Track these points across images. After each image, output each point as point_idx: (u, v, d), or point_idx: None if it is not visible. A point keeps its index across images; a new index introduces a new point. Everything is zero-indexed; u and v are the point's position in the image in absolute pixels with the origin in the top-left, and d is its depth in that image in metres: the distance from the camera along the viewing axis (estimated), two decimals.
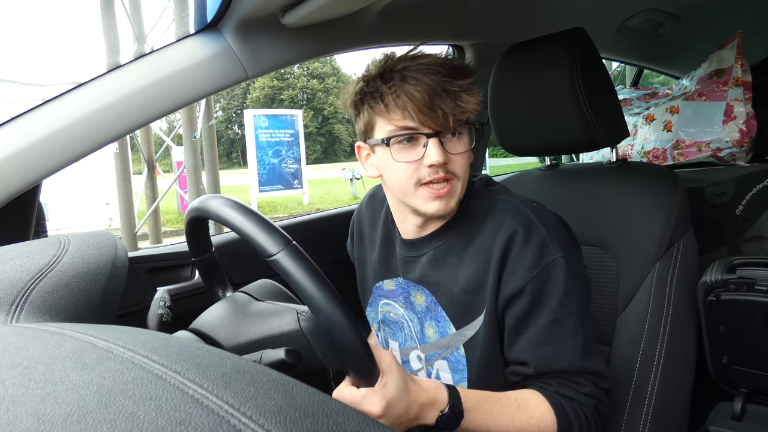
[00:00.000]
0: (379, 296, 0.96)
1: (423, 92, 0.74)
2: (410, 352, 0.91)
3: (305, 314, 0.62)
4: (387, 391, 0.62)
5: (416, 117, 0.75)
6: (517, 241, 0.78)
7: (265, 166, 9.15)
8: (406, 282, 0.90)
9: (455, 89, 0.75)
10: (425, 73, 0.75)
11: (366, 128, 0.82)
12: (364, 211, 1.02)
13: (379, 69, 0.79)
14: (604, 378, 0.79)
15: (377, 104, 0.78)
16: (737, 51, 1.53)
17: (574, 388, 0.77)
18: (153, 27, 5.62)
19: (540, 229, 0.79)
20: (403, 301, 0.92)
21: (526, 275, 0.77)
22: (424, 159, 0.77)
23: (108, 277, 0.55)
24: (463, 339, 0.83)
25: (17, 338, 0.36)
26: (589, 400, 0.77)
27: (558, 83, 1.01)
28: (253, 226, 0.56)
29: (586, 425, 0.76)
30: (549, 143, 1.10)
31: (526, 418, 0.73)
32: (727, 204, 1.38)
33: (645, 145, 1.71)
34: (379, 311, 0.96)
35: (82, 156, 0.87)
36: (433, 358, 0.88)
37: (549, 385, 0.77)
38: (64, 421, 0.24)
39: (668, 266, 0.99)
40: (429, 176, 0.77)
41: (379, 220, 0.98)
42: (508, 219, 0.81)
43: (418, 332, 0.90)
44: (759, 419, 1.04)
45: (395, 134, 0.78)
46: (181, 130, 5.82)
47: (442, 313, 0.85)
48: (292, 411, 0.25)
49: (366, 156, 0.87)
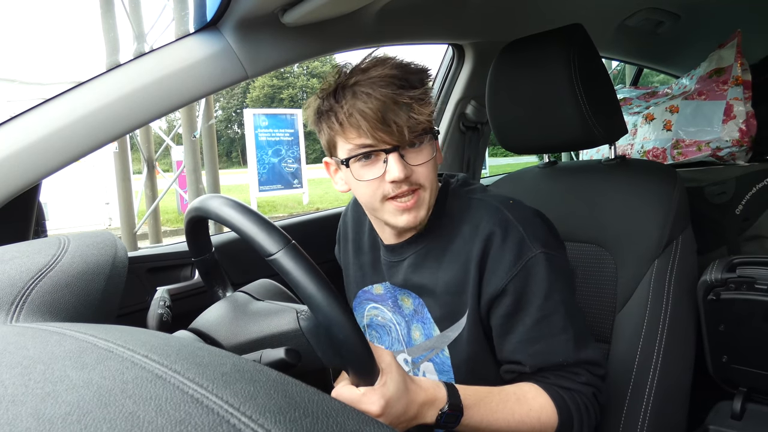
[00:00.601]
0: (366, 300, 0.96)
1: (375, 110, 0.72)
2: (397, 355, 0.91)
3: (305, 313, 0.62)
4: (386, 390, 0.62)
5: (371, 134, 0.74)
6: (495, 241, 0.79)
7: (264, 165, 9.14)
8: (393, 286, 0.90)
9: (407, 101, 0.74)
10: (376, 87, 0.73)
11: (329, 145, 0.81)
12: (350, 216, 1.02)
13: (332, 86, 0.78)
14: (598, 365, 0.80)
15: (333, 124, 0.77)
16: (737, 50, 1.52)
17: (571, 378, 0.78)
18: (153, 26, 5.62)
19: (517, 227, 0.79)
20: (391, 305, 0.92)
21: (506, 274, 0.77)
22: (386, 175, 0.76)
23: (108, 277, 0.55)
24: (447, 341, 0.83)
25: (17, 338, 0.36)
26: (586, 388, 0.78)
27: (556, 80, 1.01)
28: (253, 225, 0.56)
29: (586, 413, 0.77)
30: (547, 141, 1.10)
31: (526, 411, 0.73)
32: (727, 203, 1.38)
33: (645, 145, 1.71)
34: (365, 315, 0.96)
35: (81, 155, 0.87)
36: (419, 360, 0.88)
37: (546, 378, 0.78)
38: (64, 420, 0.24)
39: (667, 263, 0.98)
40: (393, 191, 0.77)
41: (364, 226, 0.97)
42: (484, 219, 0.81)
43: (405, 335, 0.90)
44: (759, 418, 1.04)
45: (353, 154, 0.77)
46: (180, 129, 5.82)
47: (428, 315, 0.85)
48: (291, 410, 0.25)
49: (334, 171, 0.86)
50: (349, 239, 1.00)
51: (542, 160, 1.26)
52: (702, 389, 1.08)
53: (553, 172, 1.21)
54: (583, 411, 0.76)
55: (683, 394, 1.00)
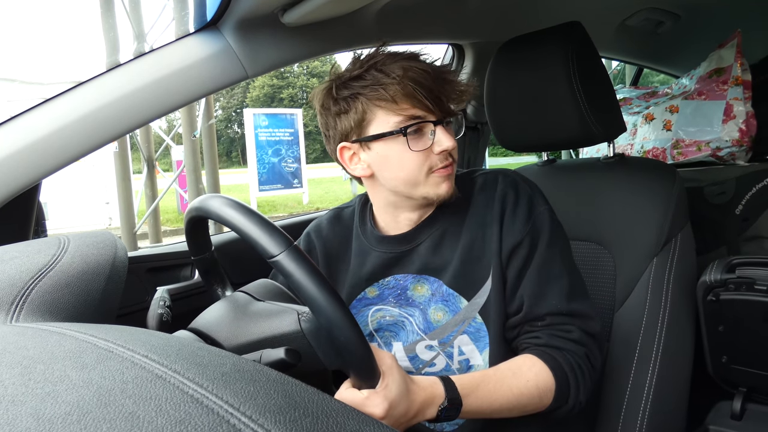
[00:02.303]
0: (366, 306, 0.93)
1: (430, 79, 0.76)
2: (416, 345, 0.91)
3: (306, 315, 0.62)
4: (389, 392, 0.62)
5: (423, 105, 0.77)
6: (510, 198, 0.85)
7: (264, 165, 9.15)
8: (404, 276, 0.90)
9: (451, 77, 0.80)
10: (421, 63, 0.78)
11: (358, 124, 0.80)
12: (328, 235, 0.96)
13: (370, 61, 0.79)
14: (590, 319, 0.81)
15: (380, 95, 0.77)
16: (737, 50, 1.52)
17: (563, 336, 0.79)
18: (153, 26, 5.62)
19: (525, 187, 0.87)
20: (394, 300, 0.90)
21: (523, 228, 0.83)
22: (435, 146, 0.79)
23: (107, 277, 0.55)
24: (477, 307, 0.84)
25: (17, 338, 0.36)
26: (578, 348, 0.79)
27: (554, 77, 1.00)
28: (255, 226, 0.56)
29: (581, 374, 0.78)
30: (546, 139, 1.10)
31: (524, 383, 0.74)
32: (727, 203, 1.38)
33: (645, 145, 1.71)
34: (370, 320, 0.94)
35: (82, 155, 0.87)
36: (450, 338, 0.87)
37: (538, 338, 0.80)
38: (64, 420, 0.24)
39: (666, 261, 0.98)
40: (441, 162, 0.81)
41: (350, 237, 0.95)
42: (497, 183, 0.87)
43: (421, 323, 0.89)
44: (759, 418, 1.04)
45: (406, 125, 0.78)
46: (180, 129, 5.83)
47: (450, 291, 0.86)
48: (291, 410, 0.25)
49: (351, 156, 0.84)
50: (333, 255, 0.96)
51: (540, 158, 1.26)
52: (701, 389, 1.08)
53: (551, 170, 1.21)
54: (577, 371, 0.77)
55: (682, 392, 1.00)
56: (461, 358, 0.87)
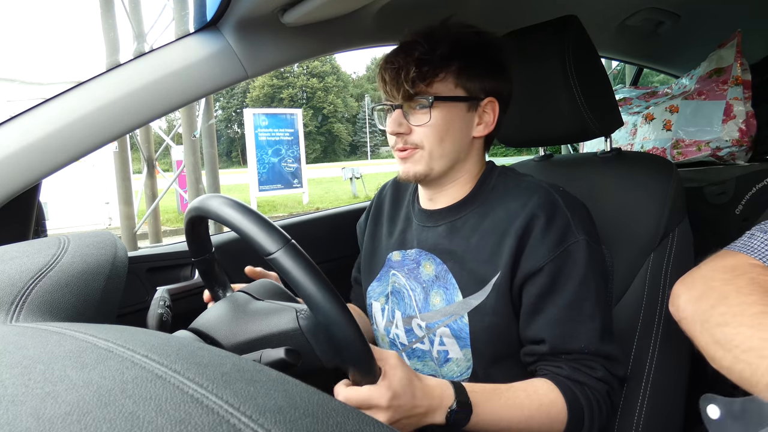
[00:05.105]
0: (390, 267, 0.98)
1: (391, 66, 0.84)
2: (411, 320, 0.92)
3: (304, 312, 0.62)
4: (391, 383, 0.63)
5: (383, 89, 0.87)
6: (541, 220, 0.80)
7: (264, 165, 9.16)
8: (419, 251, 0.92)
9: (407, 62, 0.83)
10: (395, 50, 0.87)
11: None
12: (387, 192, 1.08)
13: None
14: (618, 363, 0.80)
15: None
16: (737, 50, 1.53)
17: (587, 372, 0.77)
18: (153, 26, 5.63)
19: (565, 212, 0.81)
20: (406, 271, 0.94)
21: (548, 254, 0.79)
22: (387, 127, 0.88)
23: (107, 277, 0.55)
24: (468, 307, 0.84)
25: (17, 338, 0.36)
26: (601, 385, 0.77)
27: (550, 72, 1.00)
28: (252, 224, 0.56)
29: (597, 410, 0.76)
30: (542, 133, 1.09)
31: (536, 406, 0.73)
32: (727, 203, 1.38)
33: (644, 144, 1.71)
34: (390, 282, 0.97)
35: (81, 155, 0.87)
36: (435, 325, 0.88)
37: (560, 369, 0.78)
38: (64, 420, 0.24)
39: (663, 256, 0.98)
40: (394, 144, 0.88)
41: (404, 201, 1.03)
42: (534, 198, 0.83)
43: (420, 301, 0.91)
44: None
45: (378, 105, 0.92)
46: (180, 129, 5.82)
47: (452, 280, 0.86)
48: (291, 410, 0.25)
49: None
50: (384, 211, 1.05)
51: (537, 154, 1.26)
52: (701, 389, 1.08)
53: (548, 165, 1.21)
54: (594, 407, 0.76)
55: (680, 389, 0.99)
56: (441, 348, 0.88)
